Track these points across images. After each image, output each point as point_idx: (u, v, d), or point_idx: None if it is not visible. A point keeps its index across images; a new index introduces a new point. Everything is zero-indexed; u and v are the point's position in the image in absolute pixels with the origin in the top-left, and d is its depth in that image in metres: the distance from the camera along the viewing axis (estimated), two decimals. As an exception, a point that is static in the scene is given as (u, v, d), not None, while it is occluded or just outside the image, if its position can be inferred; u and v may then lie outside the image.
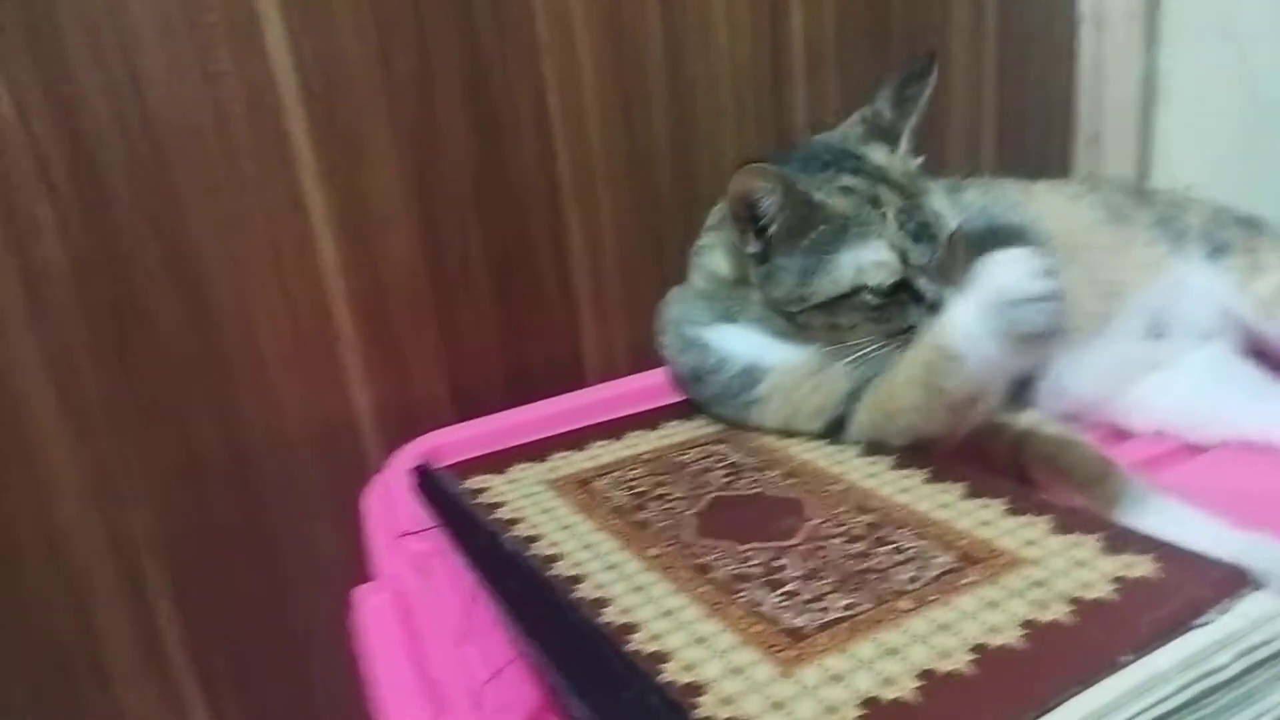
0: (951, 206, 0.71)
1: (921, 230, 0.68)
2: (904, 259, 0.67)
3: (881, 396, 0.66)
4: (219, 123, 0.80)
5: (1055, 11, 1.21)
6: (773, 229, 0.69)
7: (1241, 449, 0.71)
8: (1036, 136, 1.24)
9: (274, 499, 0.89)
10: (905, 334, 0.67)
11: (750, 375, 0.73)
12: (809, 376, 0.70)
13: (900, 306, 0.68)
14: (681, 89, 0.98)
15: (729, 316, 0.75)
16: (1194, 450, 0.73)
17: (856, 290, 0.68)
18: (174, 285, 0.81)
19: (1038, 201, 0.85)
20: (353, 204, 0.87)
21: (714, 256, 0.77)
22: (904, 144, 0.73)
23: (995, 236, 0.78)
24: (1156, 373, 0.78)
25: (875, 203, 0.68)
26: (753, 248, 0.71)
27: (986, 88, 1.19)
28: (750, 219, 0.69)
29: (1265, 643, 0.41)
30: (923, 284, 0.68)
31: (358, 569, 0.83)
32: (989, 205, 0.84)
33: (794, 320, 0.71)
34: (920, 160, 0.74)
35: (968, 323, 0.60)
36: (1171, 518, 0.56)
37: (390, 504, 0.76)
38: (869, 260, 0.67)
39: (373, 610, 0.63)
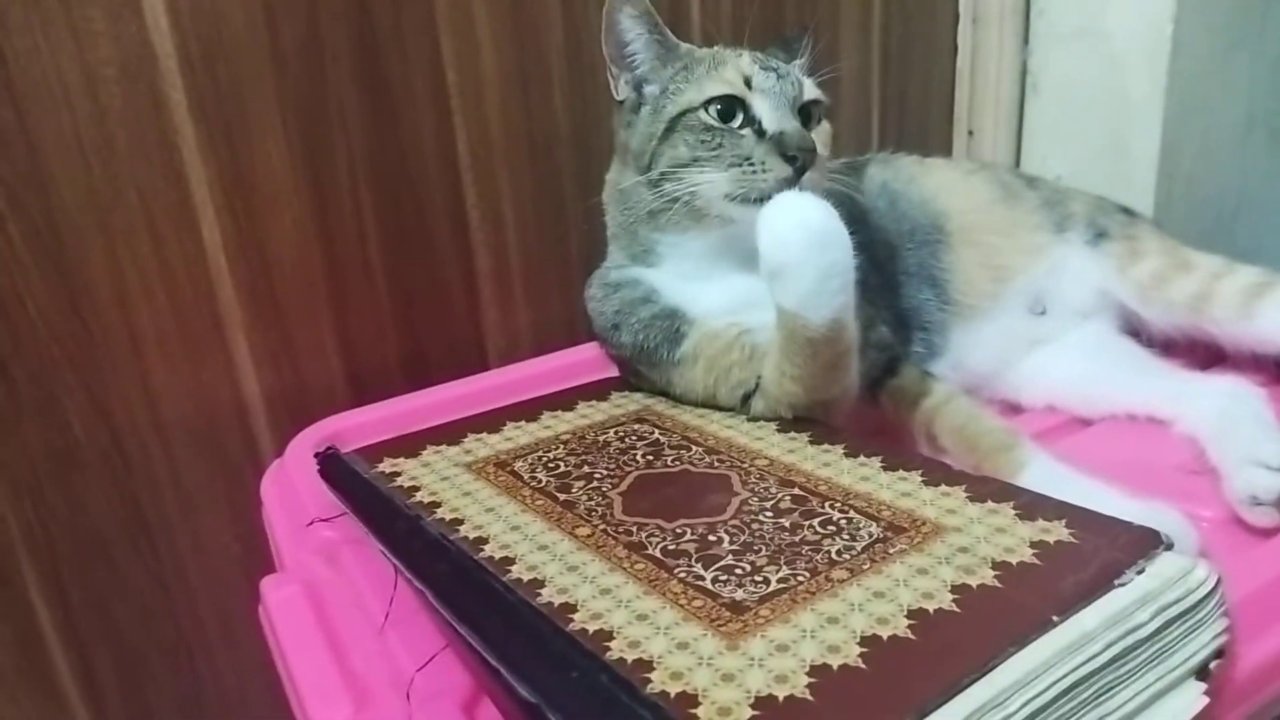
0: (814, 87, 0.72)
1: (772, 69, 0.69)
2: (747, 83, 0.68)
3: (769, 369, 0.67)
4: (89, 86, 0.75)
5: (938, 9, 1.25)
6: (639, 68, 0.73)
7: (1125, 422, 0.76)
8: (919, 126, 1.29)
9: (157, 490, 0.84)
10: (744, 167, 0.66)
11: (674, 322, 0.72)
12: (730, 348, 0.70)
13: (737, 136, 0.67)
14: (582, 69, 0.97)
15: (645, 260, 0.75)
16: (1082, 423, 0.78)
17: (693, 108, 0.68)
18: (40, 263, 0.76)
19: (934, 175, 0.88)
20: (237, 178, 0.82)
21: (610, 172, 0.79)
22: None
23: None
24: (1042, 348, 0.82)
25: (734, 50, 0.72)
26: (623, 93, 0.74)
27: (873, 77, 1.22)
28: (620, 58, 0.73)
29: (1178, 600, 0.44)
30: (761, 107, 0.68)
31: (250, 560, 0.79)
32: (889, 180, 0.86)
33: (653, 185, 0.70)
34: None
35: (783, 232, 0.59)
36: (1072, 486, 0.58)
37: (291, 491, 0.73)
38: (712, 78, 0.69)
39: (282, 602, 0.60)
